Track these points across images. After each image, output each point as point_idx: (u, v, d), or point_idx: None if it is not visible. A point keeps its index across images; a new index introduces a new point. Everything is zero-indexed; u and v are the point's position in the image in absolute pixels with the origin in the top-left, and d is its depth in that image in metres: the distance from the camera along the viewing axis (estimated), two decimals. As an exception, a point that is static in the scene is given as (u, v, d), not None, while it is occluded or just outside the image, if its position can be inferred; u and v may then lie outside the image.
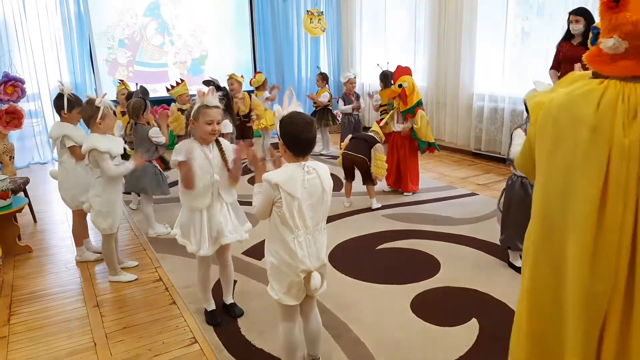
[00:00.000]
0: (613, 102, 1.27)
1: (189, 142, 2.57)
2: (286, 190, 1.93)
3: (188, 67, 8.05)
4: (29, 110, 6.72)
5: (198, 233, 2.60)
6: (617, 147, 1.27)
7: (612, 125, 1.27)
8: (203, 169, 2.55)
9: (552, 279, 1.46)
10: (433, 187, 5.28)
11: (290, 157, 2.00)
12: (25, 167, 6.87)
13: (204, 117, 2.48)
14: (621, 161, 1.27)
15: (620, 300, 1.34)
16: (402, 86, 4.64)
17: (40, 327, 2.83)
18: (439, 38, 6.78)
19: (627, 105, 1.26)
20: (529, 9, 5.98)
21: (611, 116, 1.27)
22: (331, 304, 2.92)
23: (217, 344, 2.58)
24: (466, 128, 6.65)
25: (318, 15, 8.62)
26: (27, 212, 4.56)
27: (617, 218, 1.30)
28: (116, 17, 7.43)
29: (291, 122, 1.98)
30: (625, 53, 1.28)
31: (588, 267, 1.35)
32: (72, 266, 3.62)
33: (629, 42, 1.26)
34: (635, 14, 1.23)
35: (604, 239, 1.32)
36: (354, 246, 3.80)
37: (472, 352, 2.46)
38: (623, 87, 1.28)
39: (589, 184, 1.32)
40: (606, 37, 1.30)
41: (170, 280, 3.32)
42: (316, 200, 2.02)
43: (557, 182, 1.40)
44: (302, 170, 1.98)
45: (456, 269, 3.35)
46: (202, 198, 2.57)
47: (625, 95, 1.27)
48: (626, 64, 1.28)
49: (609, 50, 1.30)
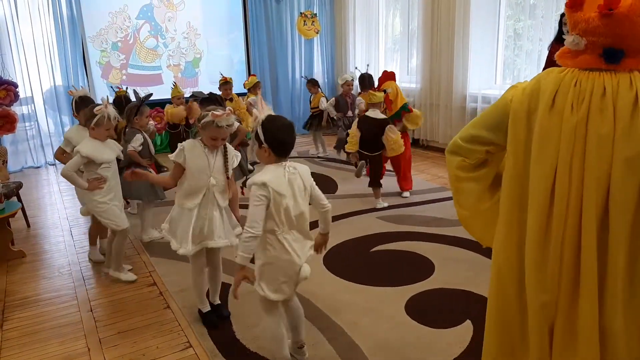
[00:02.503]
0: (567, 85, 1.40)
1: (192, 142, 2.60)
2: (274, 188, 1.99)
3: (182, 69, 8.04)
4: (22, 114, 6.69)
5: (183, 231, 2.61)
6: (566, 125, 1.39)
7: (563, 106, 1.40)
8: (200, 170, 2.56)
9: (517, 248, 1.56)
10: (427, 188, 5.29)
11: (273, 159, 2.07)
12: (18, 171, 6.83)
13: (211, 133, 2.51)
14: (570, 137, 1.38)
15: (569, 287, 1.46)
16: (386, 92, 4.66)
17: (33, 332, 2.82)
18: (432, 40, 6.80)
19: (578, 88, 1.39)
20: (521, 11, 6.02)
21: (564, 97, 1.40)
22: (325, 307, 2.92)
23: (211, 348, 2.58)
24: (459, 129, 6.59)
25: (311, 17, 8.63)
26: (20, 217, 4.53)
27: (564, 193, 1.41)
28: (109, 20, 7.41)
29: (274, 124, 2.05)
30: (584, 49, 1.39)
31: (541, 237, 1.46)
32: (66, 271, 3.61)
33: (586, 38, 1.37)
34: (588, 12, 1.35)
35: (555, 213, 1.43)
36: (348, 248, 3.80)
37: (467, 354, 2.46)
38: (578, 74, 1.40)
39: (544, 160, 1.43)
40: (569, 34, 1.43)
41: (165, 284, 3.31)
42: (300, 198, 2.10)
43: (523, 160, 1.50)
44: (284, 169, 2.06)
45: (450, 270, 3.36)
46: (193, 197, 2.58)
47: (579, 80, 1.39)
48: (585, 57, 1.40)
49: (571, 46, 1.43)
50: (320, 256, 3.60)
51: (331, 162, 6.66)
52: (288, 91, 8.85)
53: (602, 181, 1.35)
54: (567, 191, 1.40)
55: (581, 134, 1.37)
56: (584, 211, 1.38)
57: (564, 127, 1.39)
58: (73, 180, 3.12)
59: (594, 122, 1.35)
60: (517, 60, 6.17)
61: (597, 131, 1.35)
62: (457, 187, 1.76)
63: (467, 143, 1.68)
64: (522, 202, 1.51)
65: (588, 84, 1.37)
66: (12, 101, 5.98)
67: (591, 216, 1.37)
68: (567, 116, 1.38)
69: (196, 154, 2.56)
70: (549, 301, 1.47)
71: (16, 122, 6.03)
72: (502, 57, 6.36)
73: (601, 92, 1.35)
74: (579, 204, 1.39)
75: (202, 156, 2.57)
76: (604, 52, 1.36)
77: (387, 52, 8.13)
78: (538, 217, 1.45)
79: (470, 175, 1.71)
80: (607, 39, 1.34)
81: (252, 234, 2.00)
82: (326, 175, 5.83)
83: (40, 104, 7.07)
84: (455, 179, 1.75)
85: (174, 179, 2.64)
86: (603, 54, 1.36)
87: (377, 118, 4.55)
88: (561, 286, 1.45)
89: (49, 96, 7.13)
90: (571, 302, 1.45)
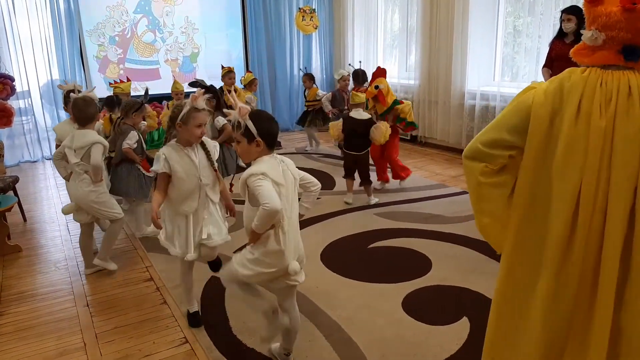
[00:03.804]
0: (593, 87, 1.38)
1: (169, 147, 2.52)
2: (273, 178, 1.98)
3: (179, 64, 8.01)
4: (18, 108, 6.66)
5: (183, 237, 2.57)
6: (594, 129, 1.37)
7: (590, 109, 1.38)
8: (189, 173, 2.51)
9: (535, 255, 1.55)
10: (425, 185, 5.29)
11: (264, 151, 2.07)
12: (15, 165, 6.80)
13: (195, 121, 2.46)
14: (597, 142, 1.37)
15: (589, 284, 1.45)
16: (379, 87, 4.66)
17: (29, 327, 2.81)
18: (431, 37, 6.78)
19: (604, 89, 1.37)
20: (521, 7, 6.01)
21: (590, 101, 1.38)
22: (322, 303, 2.92)
23: (208, 344, 2.57)
24: (458, 126, 6.66)
25: (310, 13, 8.60)
26: (16, 211, 4.51)
27: (591, 196, 1.39)
28: (107, 13, 7.37)
29: (262, 117, 2.07)
30: (602, 44, 1.38)
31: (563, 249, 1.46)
32: (62, 266, 3.59)
33: (605, 33, 1.36)
34: (609, 6, 1.34)
35: (580, 217, 1.42)
36: (345, 245, 3.80)
37: (463, 350, 2.47)
38: (602, 74, 1.38)
39: (570, 166, 1.41)
40: (587, 30, 1.41)
41: (161, 279, 3.31)
42: (291, 189, 2.10)
43: (547, 159, 1.47)
44: (277, 160, 2.09)
45: (447, 267, 3.36)
46: (189, 202, 2.53)
47: (604, 80, 1.37)
48: (603, 54, 1.39)
49: (589, 42, 1.41)
50: (318, 252, 3.60)
51: (328, 158, 6.65)
52: (286, 87, 8.82)
53: (632, 180, 1.35)
54: (593, 194, 1.38)
55: (609, 136, 1.36)
56: (610, 213, 1.37)
57: (591, 131, 1.37)
58: (100, 171, 3.18)
59: (621, 122, 1.34)
60: (516, 58, 6.16)
61: (624, 131, 1.34)
62: (480, 193, 1.65)
63: (489, 148, 1.57)
64: (536, 202, 1.50)
65: (614, 83, 1.36)
66: (9, 95, 5.98)
67: (618, 217, 1.36)
68: (595, 120, 1.36)
69: (178, 157, 2.49)
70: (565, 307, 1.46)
71: (13, 116, 6.02)
72: (501, 54, 6.35)
73: (627, 92, 1.34)
74: (603, 206, 1.38)
75: (185, 157, 2.51)
76: (623, 49, 1.35)
77: (386, 48, 8.11)
78: (562, 225, 1.42)
79: (493, 180, 1.61)
80: (628, 34, 1.33)
81: (269, 207, 1.87)
82: (323, 171, 5.83)
83: (37, 98, 7.03)
84: (478, 185, 1.63)
85: (164, 191, 2.52)
86: (622, 51, 1.36)
87: (361, 119, 4.55)
88: (579, 290, 1.44)
89: (46, 90, 7.09)
90: (588, 305, 1.44)
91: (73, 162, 3.17)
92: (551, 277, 1.48)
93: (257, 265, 2.08)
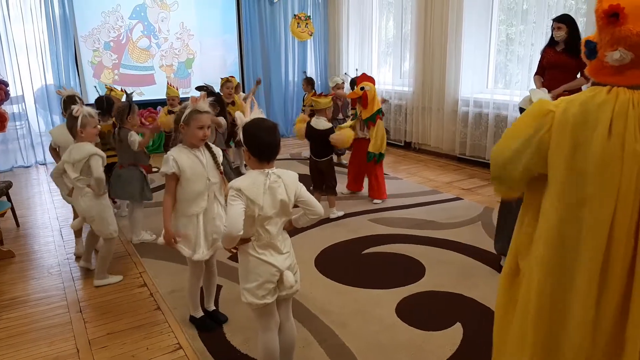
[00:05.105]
0: (625, 109, 1.33)
1: (176, 149, 2.55)
2: (248, 195, 1.91)
3: (174, 70, 8.02)
4: (12, 113, 6.63)
5: (193, 237, 2.58)
6: (629, 154, 1.32)
7: (624, 131, 1.32)
8: (197, 174, 2.53)
9: (560, 290, 1.48)
10: (418, 191, 5.31)
11: (255, 164, 1.99)
12: (8, 170, 6.77)
13: (196, 122, 2.48)
14: (632, 167, 1.32)
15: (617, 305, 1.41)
16: (365, 89, 4.68)
17: (22, 333, 2.80)
18: (425, 43, 6.83)
19: (637, 110, 1.32)
20: (514, 16, 6.07)
21: (623, 122, 1.32)
22: (316, 309, 2.92)
23: (201, 350, 2.57)
24: (451, 133, 6.70)
25: (305, 20, 8.65)
26: (9, 217, 4.50)
27: (624, 227, 1.35)
28: (102, 19, 7.38)
29: (254, 127, 1.98)
30: (630, 63, 1.33)
31: (597, 281, 1.40)
32: (55, 271, 3.58)
33: (634, 52, 1.32)
34: (637, 26, 1.30)
35: (614, 248, 1.37)
36: (339, 251, 3.81)
37: (456, 356, 2.48)
38: (632, 94, 1.34)
39: (604, 192, 1.36)
40: (609, 50, 1.35)
41: (155, 285, 3.30)
42: (280, 210, 2.00)
43: (573, 190, 1.41)
44: (265, 177, 1.96)
45: (441, 273, 3.37)
46: (199, 202, 2.55)
47: (635, 101, 1.33)
48: (634, 73, 1.34)
49: (615, 63, 1.35)
50: (312, 258, 3.61)
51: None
52: (281, 93, 8.84)
53: None
54: (629, 215, 1.35)
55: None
56: None
57: (626, 154, 1.32)
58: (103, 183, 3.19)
59: None
60: (509, 65, 6.22)
61: None
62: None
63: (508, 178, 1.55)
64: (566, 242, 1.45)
65: None
66: (3, 100, 5.92)
67: None
68: (631, 143, 1.32)
69: (186, 158, 2.52)
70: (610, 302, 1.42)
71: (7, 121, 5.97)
72: (495, 61, 6.41)
73: None
74: (634, 225, 1.35)
75: (193, 158, 2.54)
76: None
77: (380, 55, 8.15)
78: (596, 252, 1.39)
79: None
80: None
81: (227, 231, 1.90)
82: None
83: (31, 103, 7.02)
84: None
85: (173, 194, 2.54)
86: None
87: (320, 129, 4.37)
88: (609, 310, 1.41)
89: (40, 95, 7.08)
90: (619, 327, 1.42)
91: (73, 176, 3.14)
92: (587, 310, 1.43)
93: (250, 283, 2.05)
